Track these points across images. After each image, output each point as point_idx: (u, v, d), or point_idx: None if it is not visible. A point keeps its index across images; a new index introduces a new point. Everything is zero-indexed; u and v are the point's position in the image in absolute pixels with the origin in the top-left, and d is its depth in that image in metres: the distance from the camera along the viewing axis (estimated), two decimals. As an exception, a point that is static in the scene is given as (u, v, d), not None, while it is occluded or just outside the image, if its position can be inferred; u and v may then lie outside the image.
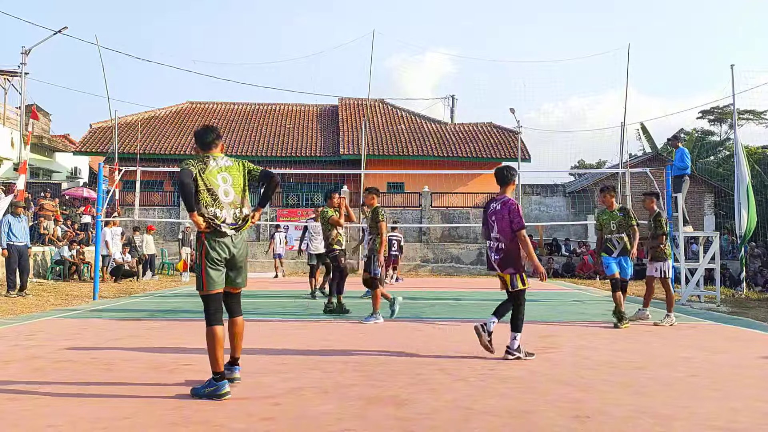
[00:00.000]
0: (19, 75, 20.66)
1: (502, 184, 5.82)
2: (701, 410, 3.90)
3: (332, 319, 8.69)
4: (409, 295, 13.09)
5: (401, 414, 3.76)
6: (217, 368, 4.11)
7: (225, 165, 4.30)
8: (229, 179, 4.26)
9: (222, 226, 4.14)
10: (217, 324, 4.18)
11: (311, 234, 12.23)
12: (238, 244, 4.25)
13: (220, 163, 4.29)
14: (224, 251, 4.19)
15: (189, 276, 18.41)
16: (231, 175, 4.28)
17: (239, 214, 4.26)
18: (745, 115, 33.03)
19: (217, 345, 4.13)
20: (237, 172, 4.32)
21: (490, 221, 5.74)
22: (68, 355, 5.62)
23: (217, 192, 4.18)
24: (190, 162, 4.21)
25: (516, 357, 5.55)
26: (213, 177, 4.20)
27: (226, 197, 4.21)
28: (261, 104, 32.49)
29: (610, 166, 36.16)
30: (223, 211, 4.17)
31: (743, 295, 14.10)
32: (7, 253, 11.59)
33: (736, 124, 17.66)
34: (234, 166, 4.33)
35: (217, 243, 4.17)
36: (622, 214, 8.22)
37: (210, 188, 4.16)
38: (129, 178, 18.57)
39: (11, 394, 4.16)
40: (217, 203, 4.16)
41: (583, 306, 11.35)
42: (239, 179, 4.31)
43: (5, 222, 11.70)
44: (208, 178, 4.18)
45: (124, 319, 8.46)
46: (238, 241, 4.25)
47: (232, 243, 4.21)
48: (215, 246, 4.17)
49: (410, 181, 26.89)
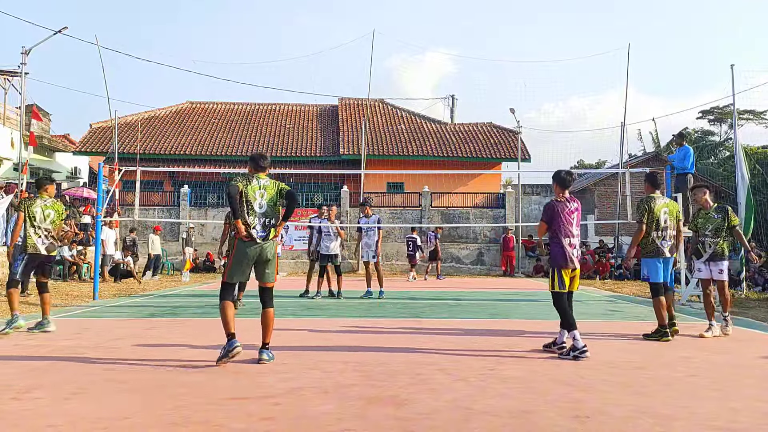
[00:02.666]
0: (19, 75, 20.63)
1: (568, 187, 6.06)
2: (701, 410, 3.90)
3: (332, 319, 8.69)
4: (409, 295, 13.10)
5: (401, 414, 3.76)
6: (229, 329, 5.17)
7: (264, 184, 5.37)
8: (265, 195, 5.32)
9: (253, 231, 5.20)
10: (228, 299, 5.29)
11: (323, 234, 12.20)
12: (267, 247, 5.29)
13: (261, 182, 5.37)
14: (253, 252, 5.25)
15: (189, 276, 18.43)
16: (267, 192, 5.34)
17: (268, 223, 5.30)
18: (745, 115, 33.02)
19: (228, 313, 5.21)
20: (272, 190, 5.37)
21: (568, 218, 5.89)
22: (68, 355, 5.62)
23: (254, 204, 5.24)
24: (239, 179, 5.27)
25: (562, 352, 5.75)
26: (253, 192, 5.27)
27: (260, 209, 5.27)
28: (261, 104, 32.48)
29: (610, 166, 36.16)
30: (255, 219, 5.24)
31: (743, 295, 14.09)
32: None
33: (736, 124, 17.66)
34: (270, 185, 5.39)
35: (246, 245, 5.24)
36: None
37: (249, 201, 5.23)
38: (129, 178, 18.57)
39: (11, 394, 4.16)
40: (252, 212, 5.23)
41: (583, 306, 11.35)
42: (273, 196, 5.35)
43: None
44: (249, 193, 5.25)
45: (124, 319, 8.46)
46: (267, 245, 5.29)
47: (260, 246, 5.26)
48: (245, 248, 5.24)
49: (410, 181, 26.89)
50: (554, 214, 5.92)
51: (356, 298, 12.04)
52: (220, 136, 28.59)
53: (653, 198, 7.06)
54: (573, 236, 5.87)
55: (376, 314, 9.42)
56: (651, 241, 6.96)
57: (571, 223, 5.90)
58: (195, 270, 20.75)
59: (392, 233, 25.17)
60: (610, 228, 26.27)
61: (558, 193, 6.05)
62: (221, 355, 5.13)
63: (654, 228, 6.95)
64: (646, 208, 6.97)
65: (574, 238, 5.88)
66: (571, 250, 5.87)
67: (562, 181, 6.02)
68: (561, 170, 6.10)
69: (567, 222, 5.89)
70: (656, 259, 6.94)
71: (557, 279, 5.84)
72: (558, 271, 5.85)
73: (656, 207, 6.98)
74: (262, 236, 5.23)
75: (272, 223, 5.30)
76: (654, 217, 6.95)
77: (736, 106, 17.45)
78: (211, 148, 27.51)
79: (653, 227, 6.95)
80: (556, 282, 5.86)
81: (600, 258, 22.84)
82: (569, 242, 5.85)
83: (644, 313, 9.88)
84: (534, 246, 24.65)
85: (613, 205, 26.26)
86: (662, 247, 6.96)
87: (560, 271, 5.83)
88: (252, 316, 8.97)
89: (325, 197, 25.99)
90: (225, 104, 32.29)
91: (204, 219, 24.05)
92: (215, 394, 4.19)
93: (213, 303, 11.07)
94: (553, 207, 5.96)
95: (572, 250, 5.87)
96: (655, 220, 6.95)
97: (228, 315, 5.21)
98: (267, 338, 5.33)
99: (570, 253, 5.86)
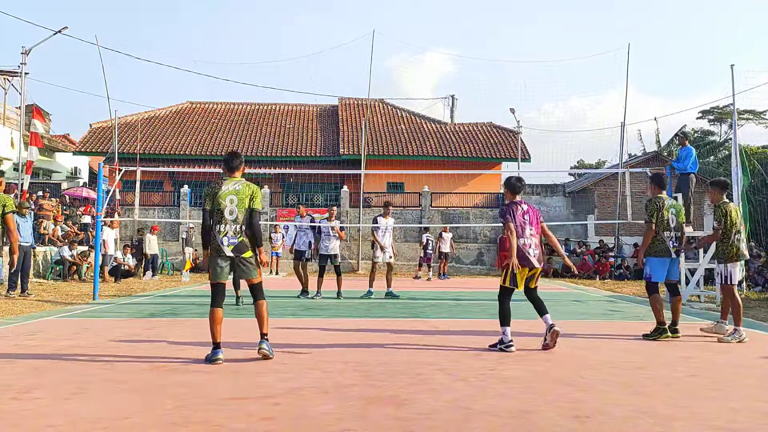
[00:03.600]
0: (19, 75, 20.64)
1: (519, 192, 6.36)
2: (701, 410, 3.90)
3: (332, 319, 8.69)
4: (409, 295, 13.10)
5: (401, 414, 3.75)
6: (214, 339, 5.21)
7: (236, 189, 5.28)
8: (235, 200, 5.23)
9: (224, 239, 5.20)
10: (217, 306, 5.27)
11: (323, 235, 12.23)
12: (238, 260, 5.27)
13: (232, 187, 5.28)
14: (224, 262, 5.30)
15: (189, 276, 18.43)
16: (238, 197, 5.25)
17: (239, 230, 5.25)
18: (745, 115, 33.01)
19: (215, 322, 5.23)
20: (244, 194, 5.27)
21: (521, 220, 6.13)
22: (68, 355, 5.62)
23: (224, 211, 5.20)
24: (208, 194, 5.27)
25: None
26: (223, 199, 5.21)
27: (231, 215, 5.21)
28: (261, 104, 32.49)
29: (610, 166, 36.17)
30: (226, 226, 5.21)
31: (743, 295, 14.09)
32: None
33: (736, 124, 17.64)
34: (243, 189, 5.29)
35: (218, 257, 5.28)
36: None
37: (220, 209, 5.21)
38: (129, 178, 18.58)
39: (11, 394, 4.16)
40: (223, 220, 5.20)
41: (582, 306, 11.35)
42: (245, 201, 5.26)
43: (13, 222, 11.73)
44: (219, 201, 5.22)
45: (124, 319, 8.46)
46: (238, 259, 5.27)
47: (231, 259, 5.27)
48: (216, 258, 5.29)
49: (410, 181, 26.89)
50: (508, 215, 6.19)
51: (356, 298, 12.05)
52: (220, 136, 28.60)
53: (661, 198, 7.13)
54: (526, 236, 6.12)
55: (376, 314, 9.42)
56: (660, 240, 6.99)
57: (524, 225, 6.15)
58: (195, 270, 20.74)
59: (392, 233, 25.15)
60: (610, 228, 26.28)
61: (509, 197, 6.37)
62: (206, 358, 5.28)
63: (664, 228, 6.98)
64: (654, 208, 7.01)
65: (527, 238, 6.12)
66: (527, 249, 6.08)
67: (512, 187, 6.36)
68: (511, 176, 6.51)
69: (519, 223, 6.14)
70: (663, 259, 6.96)
71: (509, 276, 6.07)
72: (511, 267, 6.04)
73: (664, 207, 7.04)
74: (233, 243, 5.23)
75: (244, 230, 5.26)
76: (663, 217, 6.99)
77: (736, 106, 17.45)
78: (211, 148, 27.51)
79: (663, 227, 6.99)
80: (508, 278, 6.10)
81: (600, 258, 22.84)
82: (523, 242, 6.09)
83: (644, 313, 9.88)
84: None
85: (613, 205, 26.26)
86: (671, 247, 7.00)
87: (513, 268, 6.02)
88: (253, 316, 8.96)
89: (325, 197, 26.00)
90: (225, 104, 32.30)
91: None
92: (215, 394, 4.19)
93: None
94: (507, 208, 6.26)
95: (527, 249, 6.09)
96: (664, 219, 6.99)
97: (215, 323, 5.24)
98: (263, 329, 5.43)
99: (525, 252, 6.07)
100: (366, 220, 24.88)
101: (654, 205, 7.04)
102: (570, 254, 24.14)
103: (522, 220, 6.15)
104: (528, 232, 6.12)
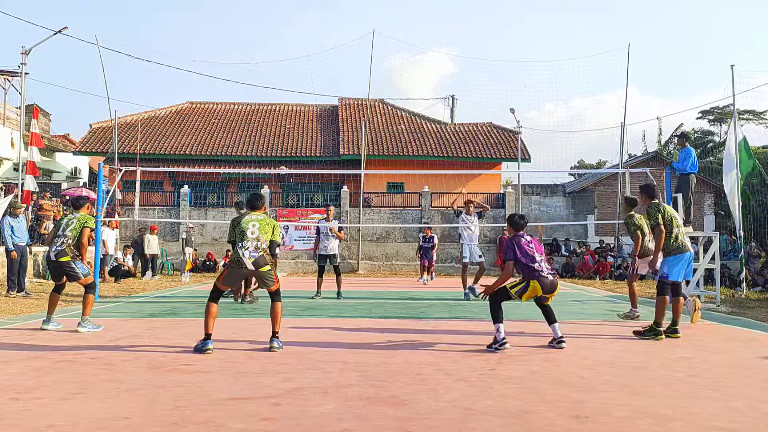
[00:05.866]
0: (19, 75, 20.62)
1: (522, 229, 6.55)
2: (701, 410, 3.90)
3: (333, 319, 8.69)
4: (409, 295, 13.10)
5: (401, 414, 3.76)
6: (207, 330, 5.81)
7: (258, 218, 6.15)
8: (257, 225, 6.06)
9: (245, 252, 5.93)
10: (213, 301, 5.98)
11: (321, 235, 12.20)
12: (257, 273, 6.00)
13: (254, 217, 6.17)
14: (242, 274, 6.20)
15: (189, 276, 18.42)
16: (260, 224, 6.09)
17: (259, 246, 5.99)
18: (745, 115, 33.02)
19: (210, 315, 5.87)
20: (265, 224, 6.12)
21: (529, 249, 6.29)
22: (68, 355, 5.62)
23: (246, 232, 6.01)
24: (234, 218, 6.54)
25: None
26: (246, 224, 6.06)
27: (252, 235, 6.00)
28: (261, 104, 32.48)
29: (610, 166, 36.19)
30: (248, 242, 5.97)
31: (743, 295, 14.10)
32: (16, 255, 11.73)
33: (736, 124, 17.63)
34: (264, 220, 6.17)
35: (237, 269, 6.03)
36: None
37: (243, 231, 6.03)
38: (129, 178, 18.57)
39: (11, 394, 4.16)
40: (245, 238, 5.99)
41: (582, 306, 11.35)
42: (265, 227, 6.08)
43: (6, 224, 11.83)
44: (243, 225, 6.07)
45: (124, 319, 8.46)
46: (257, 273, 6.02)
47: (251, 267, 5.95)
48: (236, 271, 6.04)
49: (410, 181, 26.88)
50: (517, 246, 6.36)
51: (356, 298, 12.05)
52: (220, 136, 28.59)
53: (657, 202, 7.25)
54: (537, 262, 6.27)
55: (375, 314, 9.42)
56: (675, 237, 7.07)
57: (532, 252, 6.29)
58: (195, 270, 20.74)
59: (392, 233, 25.18)
60: (611, 228, 26.28)
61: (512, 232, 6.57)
62: (195, 348, 5.80)
63: (674, 225, 7.09)
64: (658, 210, 7.11)
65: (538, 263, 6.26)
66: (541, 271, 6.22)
67: (515, 224, 6.54)
68: (515, 214, 6.70)
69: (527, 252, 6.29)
70: (681, 256, 7.03)
71: (521, 287, 6.21)
72: (528, 282, 6.18)
73: (665, 208, 7.19)
74: (254, 256, 5.93)
75: (263, 246, 6.01)
76: (669, 216, 7.10)
77: (736, 106, 17.45)
78: (211, 148, 27.52)
79: (673, 224, 7.10)
80: (519, 287, 6.22)
81: (600, 258, 22.85)
82: (536, 266, 6.24)
83: (644, 313, 9.87)
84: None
85: (613, 205, 26.27)
86: (686, 242, 7.13)
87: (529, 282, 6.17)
88: (254, 316, 8.99)
89: (325, 197, 26.00)
90: (225, 104, 32.29)
91: (204, 219, 24.06)
92: (215, 394, 4.19)
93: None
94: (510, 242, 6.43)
95: (542, 271, 6.22)
96: (672, 217, 7.12)
97: (210, 316, 5.87)
98: (275, 327, 6.02)
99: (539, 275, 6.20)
100: (366, 220, 24.90)
101: (656, 209, 7.13)
102: (570, 254, 24.15)
103: (528, 249, 6.29)
104: (538, 257, 6.27)
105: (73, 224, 7.35)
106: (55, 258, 7.20)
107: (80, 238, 7.31)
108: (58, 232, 7.34)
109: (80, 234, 7.32)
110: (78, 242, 7.31)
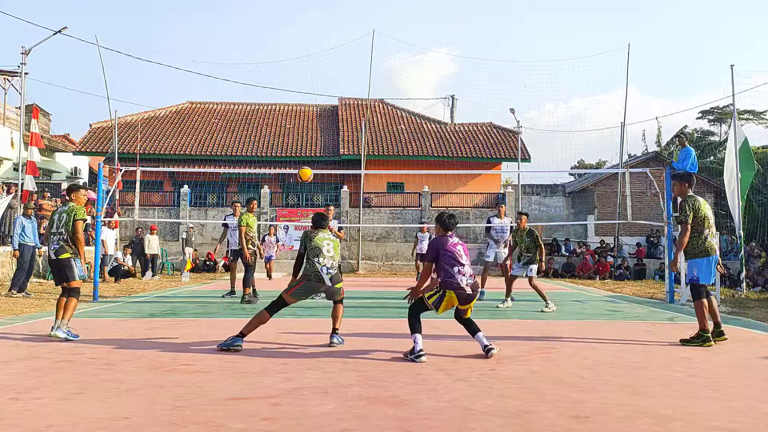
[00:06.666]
0: (19, 75, 20.62)
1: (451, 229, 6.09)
2: (701, 410, 3.90)
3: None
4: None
5: (401, 414, 3.76)
6: (247, 331, 6.05)
7: (330, 237, 6.55)
8: (331, 245, 6.44)
9: (323, 269, 6.27)
10: (269, 312, 6.18)
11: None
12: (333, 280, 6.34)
13: (325, 235, 6.53)
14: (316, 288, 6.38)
15: (189, 276, 18.42)
16: (333, 243, 6.48)
17: (333, 264, 6.38)
18: (745, 115, 33.02)
19: (258, 321, 6.13)
20: (336, 244, 6.55)
21: (456, 252, 5.82)
22: (68, 355, 5.62)
23: (323, 250, 6.34)
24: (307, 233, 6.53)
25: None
26: (320, 241, 6.38)
27: (328, 253, 6.35)
28: (261, 104, 32.48)
29: (610, 166, 36.18)
30: (325, 260, 6.31)
31: (743, 295, 14.10)
32: (18, 254, 11.75)
33: (736, 124, 17.63)
34: (335, 240, 6.58)
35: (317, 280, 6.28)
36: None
37: (318, 247, 6.34)
38: (129, 178, 18.57)
39: (11, 394, 4.16)
40: (322, 255, 6.32)
41: (582, 306, 11.35)
42: (337, 247, 6.52)
43: (18, 224, 11.92)
44: (316, 241, 6.38)
45: (124, 319, 8.46)
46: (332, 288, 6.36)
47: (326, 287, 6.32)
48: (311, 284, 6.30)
49: (410, 181, 26.88)
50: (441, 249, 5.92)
51: (356, 297, 12.04)
52: (220, 136, 28.59)
53: (694, 197, 6.87)
54: (459, 266, 5.80)
55: (376, 314, 9.43)
56: (704, 239, 6.72)
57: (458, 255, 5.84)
58: (195, 270, 20.73)
59: (392, 233, 25.18)
60: (610, 228, 26.28)
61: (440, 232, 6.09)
62: (225, 342, 5.93)
63: (706, 226, 6.72)
64: (691, 207, 6.72)
65: (462, 267, 5.80)
66: (464, 280, 5.74)
67: (444, 224, 6.07)
68: (443, 213, 6.22)
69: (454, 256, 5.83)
70: (708, 258, 6.69)
71: (437, 297, 5.75)
72: (444, 292, 5.73)
73: (701, 205, 6.79)
74: (331, 273, 6.30)
75: (337, 266, 6.42)
76: (702, 215, 6.73)
77: (736, 106, 17.45)
78: (211, 148, 27.52)
79: (704, 225, 6.71)
80: (435, 297, 5.75)
81: (600, 258, 22.84)
82: (457, 270, 5.77)
83: (644, 313, 9.89)
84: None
85: (613, 205, 26.27)
86: (714, 244, 6.79)
87: (445, 292, 5.72)
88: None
89: (325, 197, 26.00)
90: (225, 104, 32.29)
91: (204, 219, 24.06)
92: (215, 394, 4.19)
93: (213, 303, 11.08)
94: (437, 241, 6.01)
95: (466, 280, 5.75)
96: (704, 217, 6.73)
97: (258, 323, 6.14)
98: (336, 325, 6.46)
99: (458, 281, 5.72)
100: (366, 220, 24.90)
101: (690, 205, 6.74)
102: (570, 254, 24.14)
103: (454, 250, 5.85)
104: (464, 260, 5.83)
105: (64, 218, 6.92)
106: (56, 256, 6.84)
107: (75, 233, 6.87)
108: (52, 230, 6.96)
109: (74, 228, 6.87)
110: (73, 237, 6.88)
